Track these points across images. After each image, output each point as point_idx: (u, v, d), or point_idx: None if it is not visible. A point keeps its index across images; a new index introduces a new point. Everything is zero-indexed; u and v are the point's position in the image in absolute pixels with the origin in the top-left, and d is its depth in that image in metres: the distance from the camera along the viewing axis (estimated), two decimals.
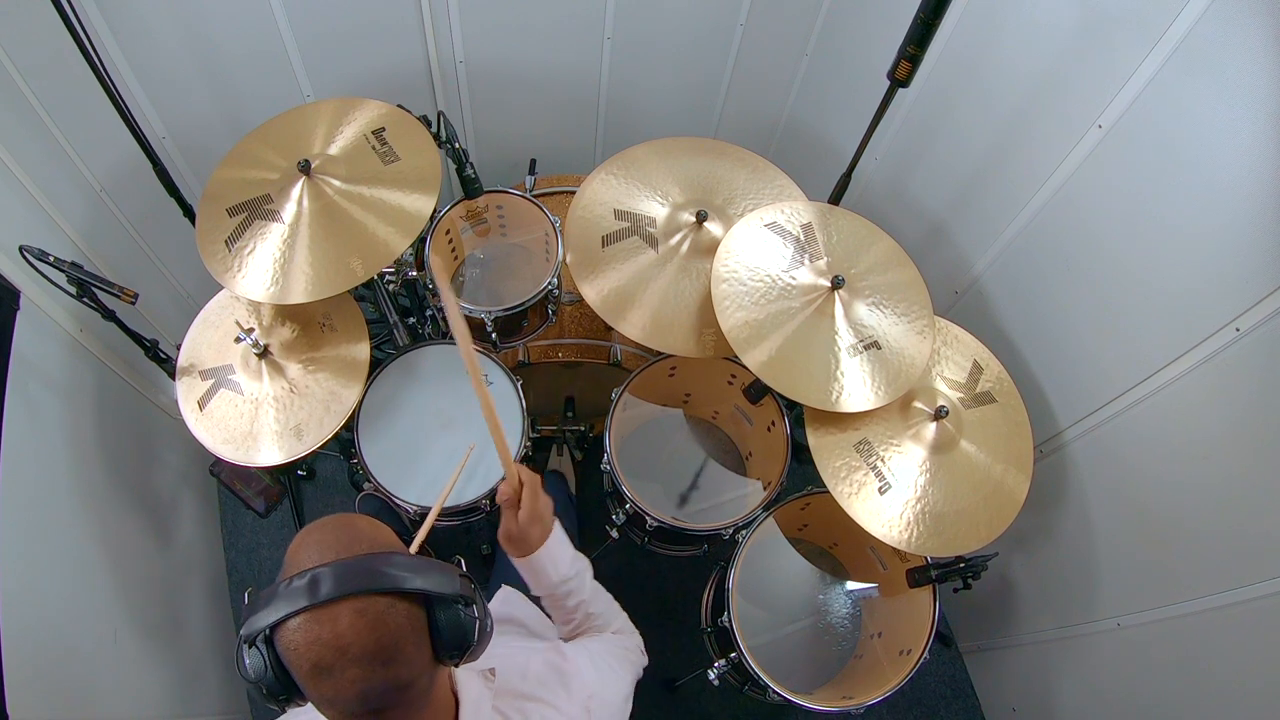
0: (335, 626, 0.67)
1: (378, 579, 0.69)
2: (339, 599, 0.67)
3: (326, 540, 0.72)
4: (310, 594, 0.67)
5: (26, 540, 1.31)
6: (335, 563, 0.69)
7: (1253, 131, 1.14)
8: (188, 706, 1.70)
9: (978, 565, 1.45)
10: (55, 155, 1.59)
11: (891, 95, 1.46)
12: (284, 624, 0.68)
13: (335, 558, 0.70)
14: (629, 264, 1.52)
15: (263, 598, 0.69)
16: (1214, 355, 1.26)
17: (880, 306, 1.46)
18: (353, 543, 0.72)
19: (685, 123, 2.35)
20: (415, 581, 0.71)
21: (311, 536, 0.73)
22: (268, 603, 0.68)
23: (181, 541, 1.96)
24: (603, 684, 0.98)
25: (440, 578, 0.74)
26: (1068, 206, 1.53)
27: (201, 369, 1.48)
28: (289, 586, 0.68)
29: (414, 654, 0.71)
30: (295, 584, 0.67)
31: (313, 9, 1.73)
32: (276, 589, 0.69)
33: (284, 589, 0.68)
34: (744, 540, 1.54)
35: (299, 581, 0.68)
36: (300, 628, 0.67)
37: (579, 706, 0.93)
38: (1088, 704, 1.70)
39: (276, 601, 0.68)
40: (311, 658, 0.67)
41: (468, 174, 1.51)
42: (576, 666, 0.97)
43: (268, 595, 0.69)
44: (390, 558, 0.72)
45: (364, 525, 0.76)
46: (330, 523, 0.75)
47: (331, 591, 0.67)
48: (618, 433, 1.64)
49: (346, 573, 0.68)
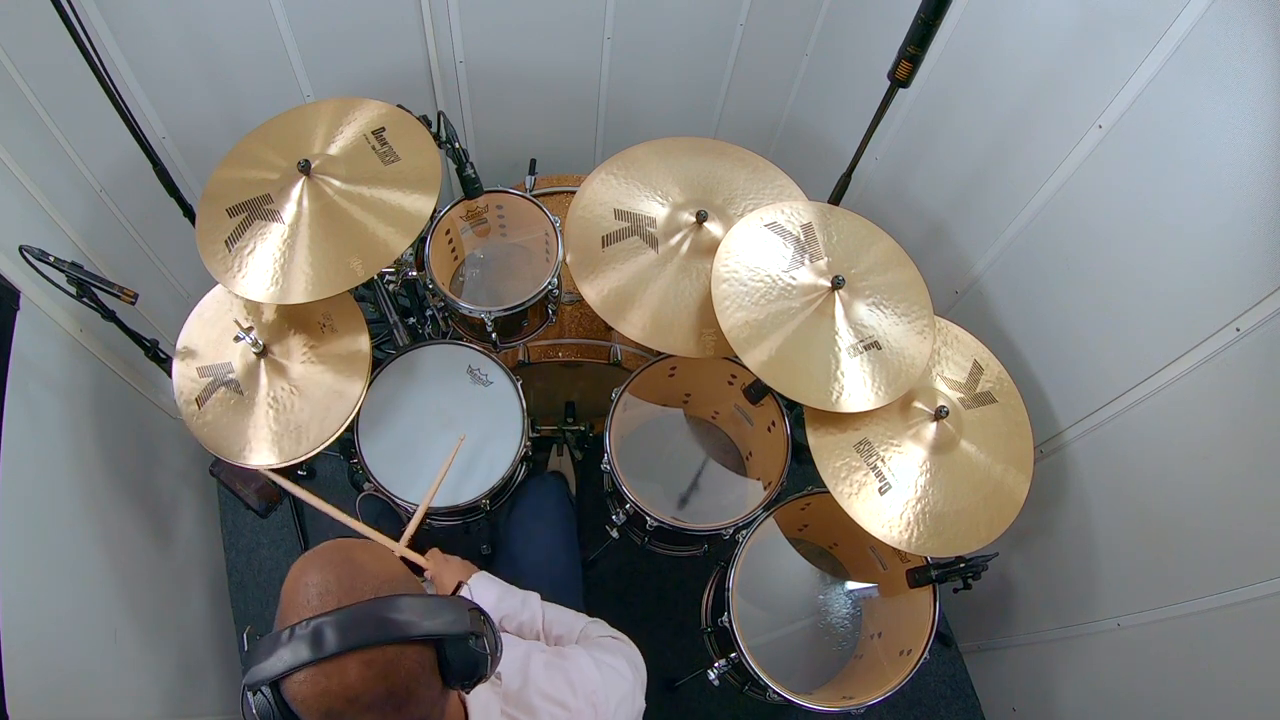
0: (344, 679, 0.65)
1: (385, 628, 0.67)
2: (344, 653, 0.65)
3: (328, 582, 0.69)
4: (315, 648, 0.65)
5: (26, 540, 1.31)
6: (338, 611, 0.66)
7: (1253, 131, 1.14)
8: (188, 706, 1.70)
9: (978, 565, 1.45)
10: (55, 155, 1.59)
11: (891, 95, 1.45)
12: (289, 677, 0.66)
13: (337, 605, 0.67)
14: (629, 264, 1.52)
15: (264, 646, 0.67)
16: (1214, 355, 1.26)
17: (880, 306, 1.46)
18: (355, 584, 0.70)
19: (685, 123, 2.35)
20: (423, 626, 0.69)
21: (311, 574, 0.70)
22: (270, 652, 0.66)
23: (181, 541, 1.96)
24: (605, 681, 0.98)
25: (449, 616, 0.71)
26: (1068, 206, 1.53)
27: (200, 366, 1.48)
28: (292, 636, 0.65)
29: (425, 693, 0.70)
30: (299, 634, 0.65)
31: (313, 9, 1.73)
32: (279, 638, 0.66)
33: (287, 639, 0.66)
34: (744, 540, 1.53)
35: (302, 631, 0.65)
36: (307, 681, 0.65)
37: (585, 703, 0.94)
38: (1088, 704, 1.70)
39: (280, 651, 0.66)
40: (321, 708, 0.65)
41: (468, 174, 1.51)
42: (578, 664, 0.98)
43: (270, 644, 0.67)
44: (396, 603, 0.69)
45: (365, 559, 0.73)
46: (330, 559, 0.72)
47: (337, 646, 0.65)
48: (618, 433, 1.64)
49: (352, 623, 0.66)
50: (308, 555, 0.73)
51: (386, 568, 0.74)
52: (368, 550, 0.75)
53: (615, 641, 1.12)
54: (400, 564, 0.77)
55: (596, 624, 1.20)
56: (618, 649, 1.09)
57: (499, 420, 1.62)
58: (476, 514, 1.62)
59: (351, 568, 0.71)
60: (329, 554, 0.73)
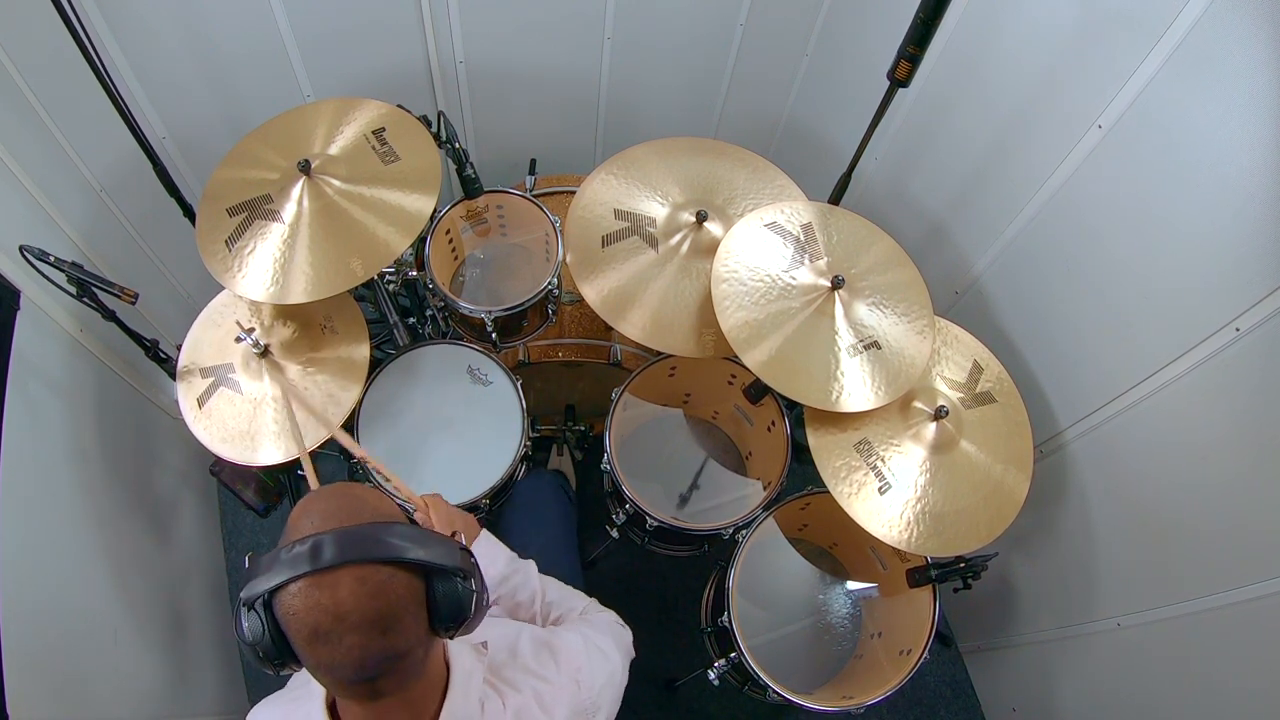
0: (335, 593, 0.67)
1: (380, 548, 0.69)
2: (340, 566, 0.67)
3: (330, 507, 0.72)
4: (312, 560, 0.67)
5: (26, 540, 1.31)
6: (338, 529, 0.69)
7: (1252, 131, 1.14)
8: (188, 706, 1.70)
9: (978, 565, 1.45)
10: (55, 155, 1.59)
11: (891, 95, 1.46)
12: (284, 589, 0.68)
13: (338, 524, 0.70)
14: (629, 264, 1.52)
15: (264, 562, 0.69)
16: (1214, 355, 1.26)
17: (880, 306, 1.46)
18: (356, 510, 0.72)
19: (685, 123, 2.35)
20: (417, 552, 0.71)
21: (314, 503, 0.73)
22: (269, 567, 0.68)
23: (181, 541, 1.96)
24: (590, 660, 0.98)
25: (441, 549, 0.74)
26: (1068, 206, 1.53)
27: (202, 367, 1.48)
28: (290, 552, 0.67)
29: (411, 624, 0.72)
30: (297, 549, 0.67)
31: (313, 9, 1.73)
32: (278, 554, 0.68)
33: (285, 554, 0.68)
34: (744, 540, 1.54)
35: (301, 547, 0.67)
36: (300, 593, 0.67)
37: (568, 678, 0.94)
38: (1088, 704, 1.70)
39: (278, 566, 0.68)
40: (310, 623, 0.67)
41: (468, 174, 1.51)
42: (565, 642, 0.98)
43: (269, 560, 0.69)
44: (393, 527, 0.72)
45: (367, 494, 0.76)
46: (333, 490, 0.76)
47: (333, 558, 0.67)
48: (618, 433, 1.64)
49: (349, 540, 0.68)
50: (314, 491, 0.77)
51: (389, 507, 0.77)
52: (369, 490, 0.78)
53: (610, 624, 1.12)
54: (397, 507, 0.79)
55: (594, 604, 1.20)
56: (608, 628, 1.09)
57: (499, 420, 1.62)
58: (476, 514, 1.62)
59: (353, 499, 0.74)
60: (334, 488, 0.76)
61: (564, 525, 1.65)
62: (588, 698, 0.95)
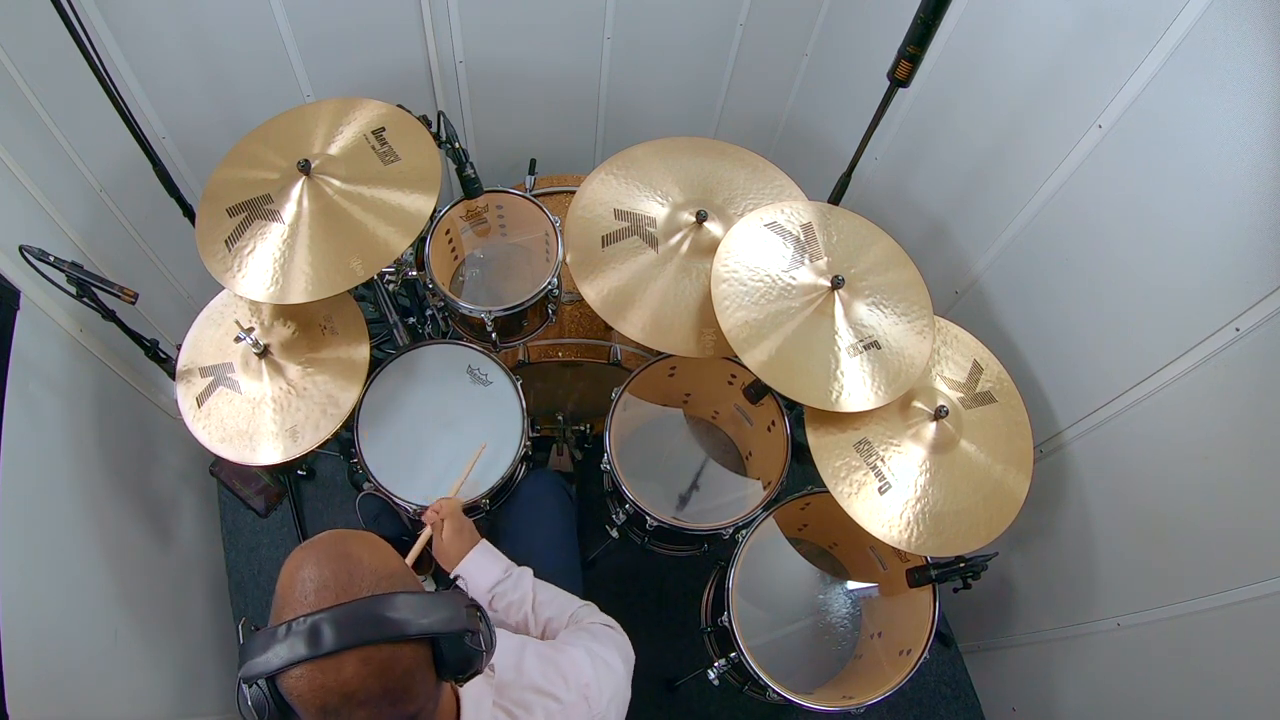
0: (340, 675, 0.65)
1: (383, 627, 0.67)
2: (341, 651, 0.65)
3: (325, 577, 0.69)
4: (312, 644, 0.65)
5: (26, 540, 1.31)
6: (336, 608, 0.66)
7: (1253, 131, 1.14)
8: (188, 706, 1.70)
9: (978, 565, 1.45)
10: (55, 155, 1.59)
11: (891, 95, 1.45)
12: (286, 672, 0.66)
13: (335, 601, 0.67)
14: (629, 264, 1.52)
15: (261, 640, 0.67)
16: (1214, 355, 1.26)
17: (880, 306, 1.46)
18: (352, 578, 0.70)
19: (685, 123, 2.35)
20: (420, 624, 0.69)
21: (308, 569, 0.70)
22: (267, 646, 0.66)
23: (181, 541, 1.96)
24: (598, 674, 0.98)
25: (445, 613, 0.72)
26: (1068, 206, 1.53)
27: (201, 366, 1.48)
28: (289, 633, 0.65)
29: (420, 687, 0.70)
30: (295, 630, 0.65)
31: (313, 9, 1.73)
32: (275, 633, 0.66)
33: (284, 635, 0.66)
34: (744, 540, 1.54)
35: (299, 627, 0.65)
36: (304, 676, 0.65)
37: (578, 696, 0.94)
38: (1088, 704, 1.70)
39: (276, 646, 0.66)
40: (318, 703, 0.66)
41: (468, 174, 1.51)
42: (571, 657, 0.98)
43: (266, 639, 0.67)
44: (393, 601, 0.69)
45: (362, 553, 0.73)
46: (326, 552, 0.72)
47: (334, 644, 0.65)
48: (618, 433, 1.64)
49: (349, 621, 0.66)
50: (303, 547, 0.73)
51: (383, 562, 0.74)
52: (364, 543, 0.75)
53: (608, 631, 1.12)
54: (397, 558, 0.76)
55: (588, 608, 1.20)
56: (609, 638, 1.09)
57: (499, 420, 1.62)
58: (476, 513, 1.62)
59: (348, 563, 0.71)
60: (325, 547, 0.72)
61: (564, 525, 1.64)
62: (597, 713, 0.95)
